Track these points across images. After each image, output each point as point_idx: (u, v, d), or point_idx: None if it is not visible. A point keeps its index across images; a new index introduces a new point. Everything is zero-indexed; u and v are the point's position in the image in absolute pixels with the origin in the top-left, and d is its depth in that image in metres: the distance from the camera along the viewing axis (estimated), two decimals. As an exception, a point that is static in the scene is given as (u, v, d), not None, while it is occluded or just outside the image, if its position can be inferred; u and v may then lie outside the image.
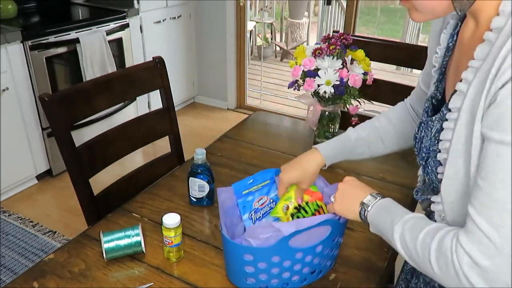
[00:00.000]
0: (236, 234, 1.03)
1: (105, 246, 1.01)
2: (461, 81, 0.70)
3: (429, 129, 0.82)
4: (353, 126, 1.13)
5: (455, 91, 0.72)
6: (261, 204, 1.06)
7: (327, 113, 1.50)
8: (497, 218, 0.61)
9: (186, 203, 1.24)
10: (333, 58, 1.37)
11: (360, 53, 1.41)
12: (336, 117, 1.52)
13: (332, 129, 1.54)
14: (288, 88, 1.44)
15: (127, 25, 2.97)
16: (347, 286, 0.98)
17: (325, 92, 1.36)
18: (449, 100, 0.74)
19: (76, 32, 2.62)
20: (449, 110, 0.73)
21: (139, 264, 1.03)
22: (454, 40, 0.82)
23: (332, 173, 1.40)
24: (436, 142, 0.79)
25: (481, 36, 0.68)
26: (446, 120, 0.74)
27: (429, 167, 0.83)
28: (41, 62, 2.49)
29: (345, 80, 1.35)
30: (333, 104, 1.47)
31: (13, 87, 2.41)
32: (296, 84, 1.43)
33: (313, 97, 1.47)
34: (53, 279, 0.98)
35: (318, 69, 1.37)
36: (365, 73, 1.40)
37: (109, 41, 2.79)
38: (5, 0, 2.63)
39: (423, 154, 0.85)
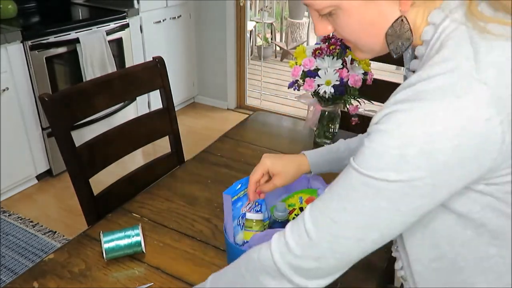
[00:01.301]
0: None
1: (105, 246, 1.01)
2: None
3: None
4: (353, 126, 1.13)
5: None
6: (248, 209, 1.05)
7: (327, 113, 1.50)
8: (321, 221, 0.66)
9: (186, 203, 1.24)
10: (333, 58, 1.37)
11: (360, 53, 1.40)
12: (336, 117, 1.52)
13: (332, 129, 1.54)
14: (288, 88, 1.44)
15: (127, 25, 2.97)
16: (347, 286, 0.98)
17: (325, 92, 1.36)
18: None
19: (76, 32, 2.62)
20: None
21: (139, 264, 1.03)
22: None
23: (332, 173, 1.40)
24: None
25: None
26: None
27: None
28: (41, 62, 2.49)
29: (345, 80, 1.36)
30: (333, 104, 1.47)
31: (13, 87, 2.41)
32: (296, 84, 1.43)
33: (313, 97, 1.47)
34: (53, 279, 0.98)
35: (318, 69, 1.37)
36: (365, 73, 1.40)
37: (109, 41, 2.79)
38: (5, 0, 2.63)
39: None
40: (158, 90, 1.55)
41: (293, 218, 1.01)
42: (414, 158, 0.57)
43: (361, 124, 1.52)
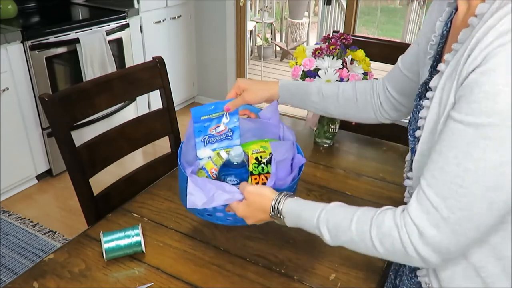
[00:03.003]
0: (192, 159, 1.08)
1: (105, 246, 1.00)
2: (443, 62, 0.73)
3: (417, 112, 0.85)
4: (353, 126, 1.14)
5: (438, 71, 0.74)
6: (218, 132, 1.09)
7: (327, 113, 1.50)
8: (445, 190, 0.64)
9: (186, 203, 1.24)
10: (333, 58, 1.37)
11: (360, 53, 1.41)
12: (336, 117, 1.52)
13: (332, 129, 1.54)
14: (288, 88, 1.44)
15: (127, 25, 2.97)
16: (347, 286, 0.98)
17: (325, 92, 1.36)
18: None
19: (76, 32, 2.62)
20: (430, 89, 0.75)
21: (139, 264, 1.03)
22: (448, 27, 0.84)
23: (332, 173, 1.40)
24: None
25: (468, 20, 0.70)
26: (427, 99, 0.76)
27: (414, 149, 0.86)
28: (41, 62, 2.49)
29: (345, 80, 1.35)
30: (333, 104, 1.47)
31: (13, 87, 2.41)
32: (296, 84, 1.43)
33: (313, 97, 1.47)
34: (53, 279, 0.98)
35: (318, 69, 1.37)
36: (365, 73, 1.40)
37: (109, 41, 2.79)
38: (5, 0, 2.63)
39: (411, 138, 0.87)
40: (158, 90, 1.55)
41: (256, 159, 1.06)
42: None
43: (361, 124, 1.52)
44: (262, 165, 1.07)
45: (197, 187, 0.92)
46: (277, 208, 0.87)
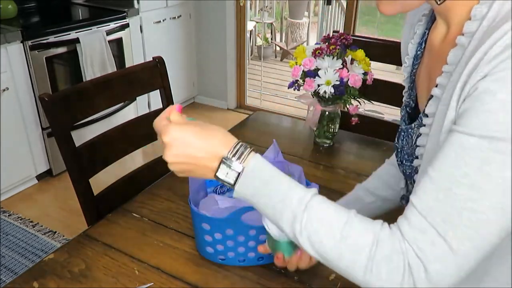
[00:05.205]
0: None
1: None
2: (436, 86, 0.67)
3: (410, 136, 0.79)
4: (353, 126, 1.12)
5: (431, 96, 0.68)
6: None
7: (327, 113, 1.50)
8: (455, 216, 0.54)
9: (186, 203, 1.24)
10: (333, 58, 1.37)
11: (360, 53, 1.41)
12: (336, 117, 1.52)
13: (332, 129, 1.54)
14: (288, 88, 1.44)
15: (127, 25, 2.97)
16: (347, 286, 0.98)
17: (325, 92, 1.36)
18: (425, 106, 0.71)
19: (76, 32, 2.62)
20: (426, 116, 0.70)
21: (139, 264, 1.03)
22: (423, 48, 0.80)
23: (332, 173, 1.40)
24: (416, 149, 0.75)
25: (452, 40, 0.66)
26: (424, 125, 0.71)
27: (411, 176, 0.81)
28: (41, 62, 2.49)
29: (345, 80, 1.35)
30: (333, 104, 1.47)
31: (13, 87, 2.41)
32: (296, 84, 1.43)
33: (313, 97, 1.47)
34: (53, 279, 0.98)
35: (318, 69, 1.37)
36: (365, 73, 1.40)
37: (109, 41, 2.79)
38: (5, 0, 2.63)
39: (407, 163, 0.81)
40: (158, 90, 1.55)
41: None
42: None
43: (361, 124, 1.52)
44: None
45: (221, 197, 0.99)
46: (241, 153, 0.69)
